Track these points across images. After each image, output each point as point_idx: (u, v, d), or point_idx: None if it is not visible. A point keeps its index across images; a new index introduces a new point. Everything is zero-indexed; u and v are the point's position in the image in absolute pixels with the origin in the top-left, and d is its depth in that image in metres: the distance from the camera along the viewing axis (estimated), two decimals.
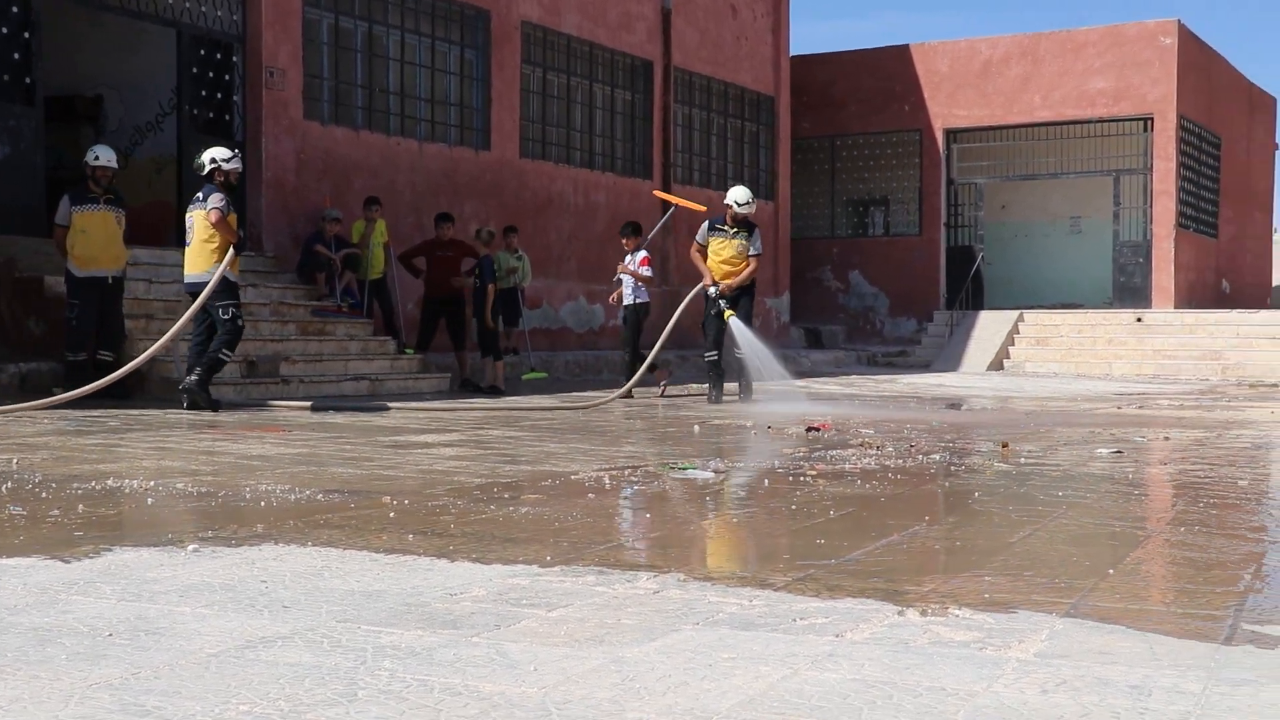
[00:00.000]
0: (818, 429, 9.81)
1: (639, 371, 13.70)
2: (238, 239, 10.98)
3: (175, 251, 13.89)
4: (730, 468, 7.43)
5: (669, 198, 17.37)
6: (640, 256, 14.07)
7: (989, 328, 23.65)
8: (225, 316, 10.84)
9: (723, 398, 13.42)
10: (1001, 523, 5.35)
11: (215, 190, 10.91)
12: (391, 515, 5.30)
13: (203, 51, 14.85)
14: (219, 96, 15.00)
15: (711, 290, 13.36)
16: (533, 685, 2.86)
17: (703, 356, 14.12)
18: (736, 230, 13.48)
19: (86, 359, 11.35)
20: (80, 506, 5.40)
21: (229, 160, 11.08)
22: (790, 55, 24.86)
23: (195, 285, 10.88)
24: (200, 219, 10.90)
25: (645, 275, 14.10)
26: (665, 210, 16.40)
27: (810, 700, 2.77)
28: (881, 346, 25.36)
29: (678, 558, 4.49)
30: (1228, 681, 2.95)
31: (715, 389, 13.55)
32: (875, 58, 27.02)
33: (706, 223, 13.80)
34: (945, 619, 3.53)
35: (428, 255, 15.13)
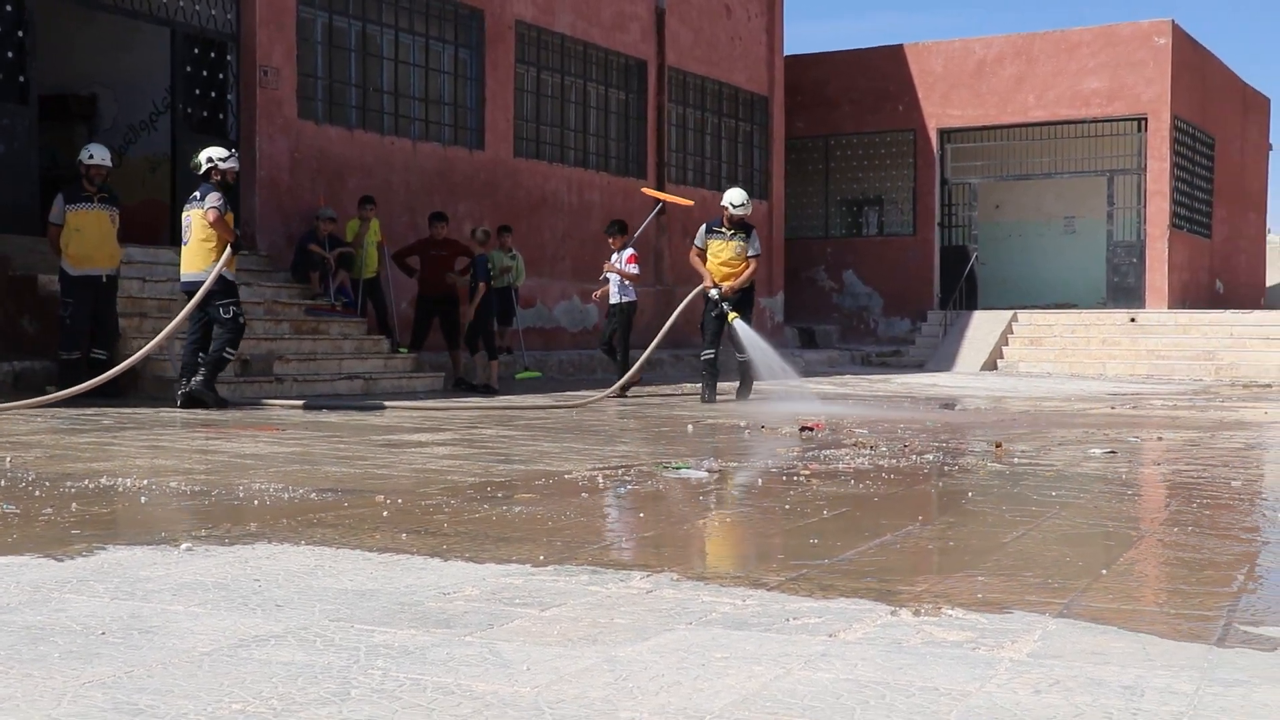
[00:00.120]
0: (811, 429, 9.81)
1: (632, 370, 13.74)
2: (235, 238, 11.01)
3: (169, 250, 13.90)
4: (724, 467, 7.43)
5: (658, 194, 17.37)
6: (627, 254, 14.08)
7: (983, 328, 23.67)
8: (226, 315, 10.89)
9: (716, 397, 13.46)
10: (995, 523, 5.36)
11: (212, 189, 10.94)
12: (385, 514, 5.30)
13: (197, 50, 14.83)
14: (213, 95, 14.99)
15: (713, 293, 13.43)
16: (526, 684, 2.86)
17: (699, 356, 14.14)
18: (734, 232, 13.55)
19: (80, 357, 11.33)
20: (73, 505, 5.39)
21: (226, 159, 11.10)
22: (784, 55, 24.86)
23: (191, 284, 10.92)
24: (198, 218, 10.92)
25: (633, 273, 14.11)
26: (654, 207, 16.42)
27: (803, 700, 2.77)
28: (875, 346, 25.38)
29: (671, 557, 4.49)
30: (1220, 682, 2.95)
31: (709, 388, 13.60)
32: (869, 57, 27.03)
33: (704, 226, 13.88)
34: (938, 619, 3.54)
35: (421, 254, 15.14)
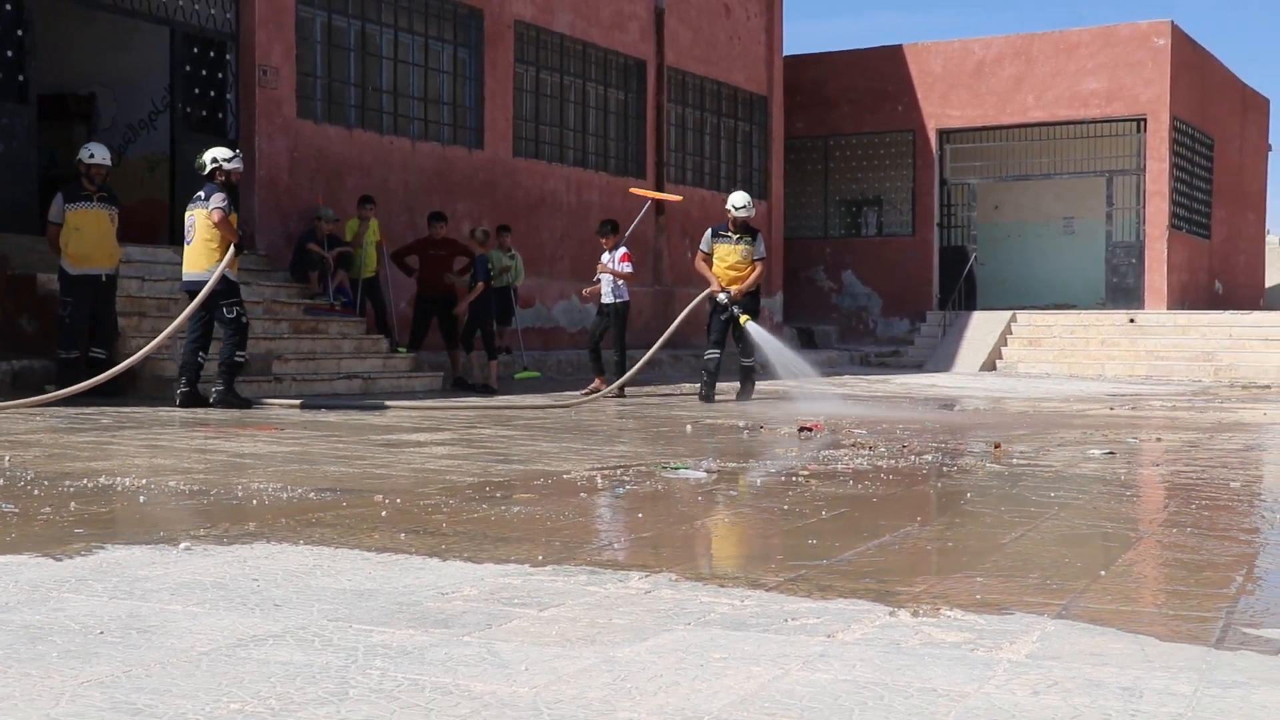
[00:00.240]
0: (810, 429, 9.81)
1: (632, 370, 13.77)
2: (238, 239, 11.04)
3: (168, 249, 13.91)
4: (723, 468, 7.43)
5: (645, 193, 17.35)
6: (620, 253, 14.09)
7: (982, 328, 23.67)
8: (230, 316, 10.93)
9: (715, 397, 13.50)
10: (993, 524, 5.36)
11: (217, 190, 10.97)
12: (383, 514, 5.30)
13: (196, 50, 14.83)
14: (212, 95, 14.99)
15: (722, 297, 13.57)
16: (524, 685, 2.86)
17: (702, 355, 14.21)
18: (740, 236, 13.71)
19: (79, 356, 11.33)
20: (72, 504, 5.39)
21: (230, 160, 11.13)
22: (783, 55, 24.87)
23: (194, 283, 10.95)
24: (201, 218, 10.95)
25: (627, 272, 14.13)
26: (643, 206, 16.45)
27: (801, 701, 2.77)
28: (874, 346, 25.38)
29: (670, 557, 4.49)
30: (1219, 684, 2.95)
31: (709, 387, 13.68)
32: (868, 58, 27.03)
33: (710, 230, 14.03)
34: (937, 620, 3.54)
35: (420, 254, 15.14)
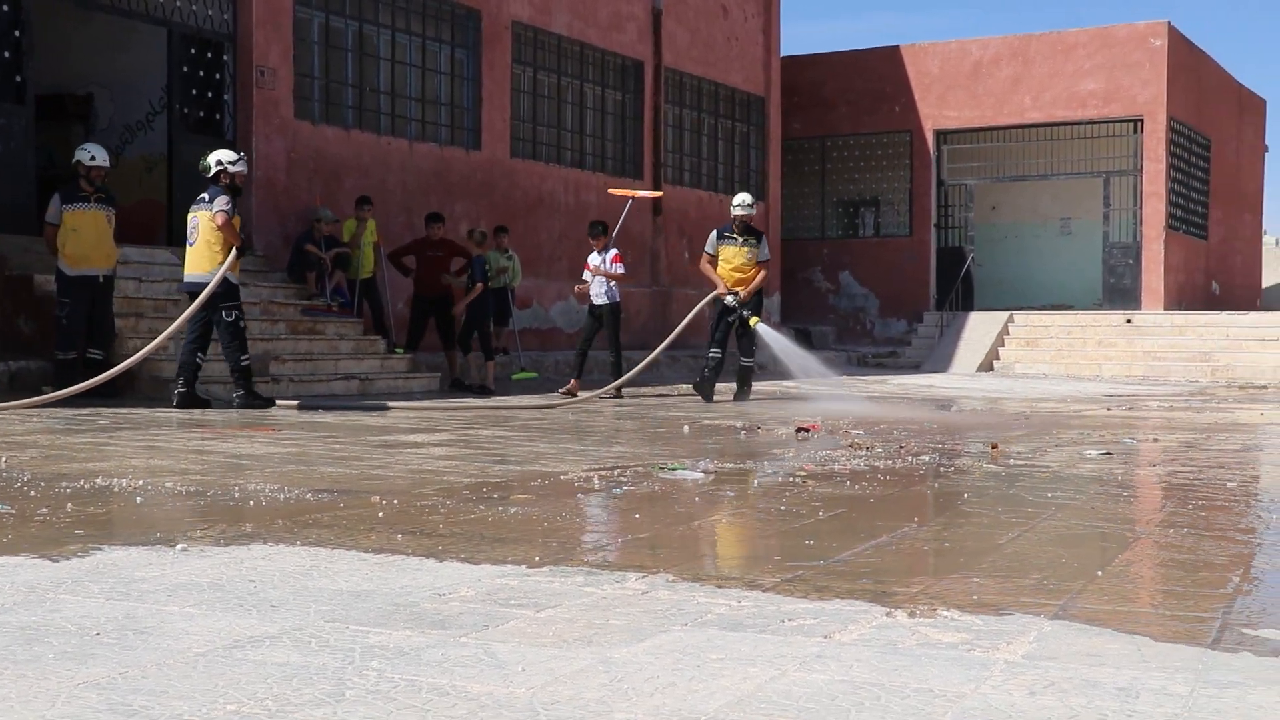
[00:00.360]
0: (807, 430, 9.82)
1: (636, 369, 13.88)
2: (241, 242, 11.06)
3: (165, 250, 13.91)
4: (720, 468, 7.43)
5: (623, 192, 17.34)
6: (612, 254, 14.11)
7: (979, 329, 23.68)
8: (228, 319, 10.99)
9: (714, 397, 13.56)
10: (990, 524, 5.36)
11: (221, 193, 10.99)
12: (380, 515, 5.30)
13: (193, 50, 14.82)
14: (209, 95, 14.98)
15: (729, 299, 13.67)
16: (521, 686, 2.86)
17: (705, 354, 14.31)
18: (745, 238, 13.82)
19: (76, 357, 11.33)
20: (69, 505, 5.39)
21: (235, 163, 11.14)
22: (781, 56, 24.88)
23: (195, 285, 10.97)
24: (205, 220, 10.97)
25: (621, 273, 14.18)
26: (625, 206, 16.49)
27: (798, 701, 2.77)
28: (872, 347, 25.38)
29: (666, 558, 4.49)
30: (1215, 684, 2.95)
31: (709, 386, 13.84)
32: (865, 59, 27.05)
33: (715, 232, 14.15)
34: (933, 620, 3.54)
35: (418, 255, 15.14)
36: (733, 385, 13.95)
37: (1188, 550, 4.76)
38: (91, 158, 11.47)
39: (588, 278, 14.18)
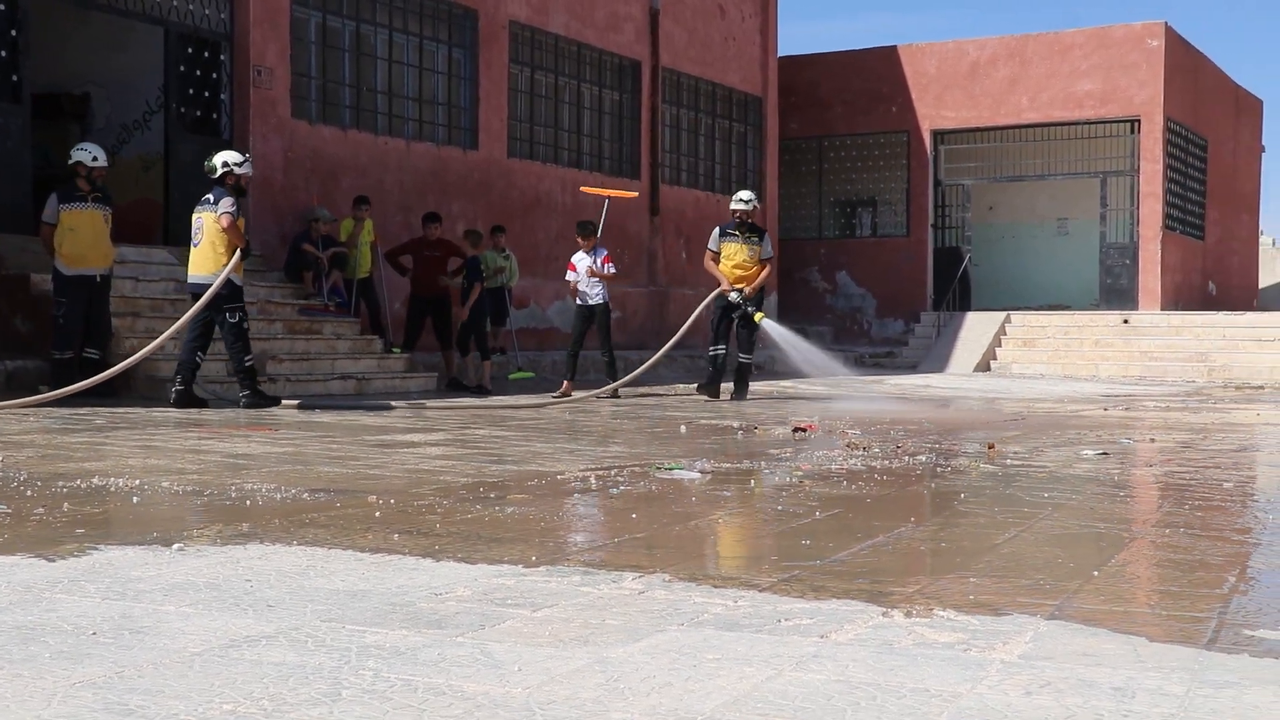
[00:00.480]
0: (804, 429, 9.82)
1: (640, 370, 14.00)
2: (246, 244, 11.08)
3: (162, 250, 13.90)
4: (717, 468, 7.43)
5: (598, 190, 17.33)
6: (603, 255, 14.12)
7: (976, 329, 23.68)
8: (232, 320, 11.04)
9: (720, 394, 13.77)
10: (987, 524, 5.36)
11: (226, 194, 11.00)
12: (377, 515, 5.30)
13: (190, 50, 14.80)
14: (206, 95, 14.96)
15: (734, 296, 13.75)
16: (517, 685, 2.86)
17: (708, 352, 14.42)
18: (747, 235, 13.92)
19: (73, 357, 11.33)
20: (65, 505, 5.39)
21: (242, 164, 11.15)
22: (778, 56, 24.88)
23: (200, 286, 11.00)
24: (210, 221, 10.99)
25: (613, 274, 14.22)
26: (602, 204, 16.50)
27: (794, 701, 2.78)
28: (869, 347, 25.37)
29: (663, 558, 4.49)
30: (1211, 684, 2.95)
31: (712, 384, 13.96)
32: (863, 59, 27.04)
33: (717, 229, 14.26)
34: (930, 620, 3.54)
35: (415, 254, 15.13)
36: (732, 384, 14.02)
37: (1184, 550, 4.76)
38: (94, 158, 11.48)
39: (571, 277, 14.15)
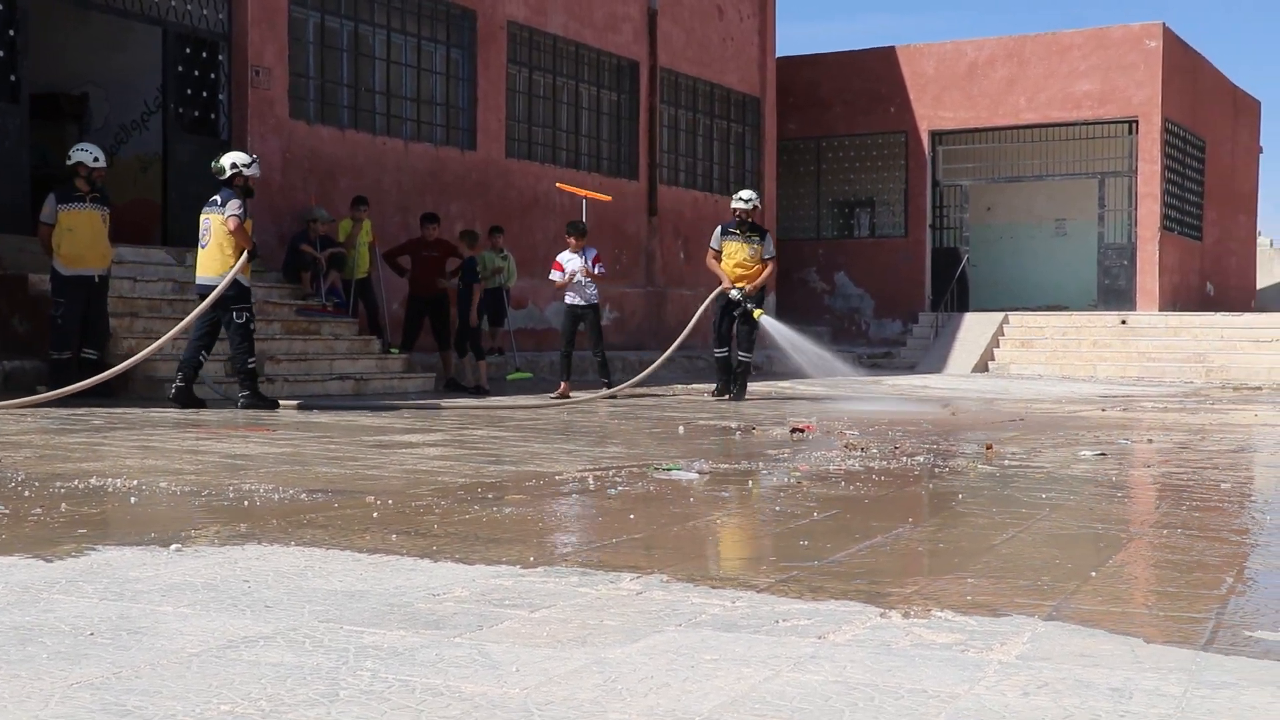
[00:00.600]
0: (802, 430, 9.82)
1: (646, 372, 14.08)
2: (253, 245, 11.11)
3: (160, 250, 13.90)
4: (715, 469, 7.43)
5: (575, 190, 17.34)
6: (593, 254, 14.14)
7: (974, 329, 23.69)
8: (239, 321, 11.10)
9: (726, 394, 13.92)
10: (985, 525, 5.36)
11: (233, 196, 11.04)
12: (375, 515, 5.30)
13: (188, 50, 14.81)
14: (204, 95, 14.97)
15: (735, 294, 13.82)
16: (515, 686, 2.86)
17: (712, 352, 14.56)
18: (749, 234, 14.00)
19: (71, 357, 11.33)
20: (63, 505, 5.38)
21: (249, 166, 11.18)
22: (776, 56, 24.89)
23: (207, 287, 11.04)
24: (217, 222, 11.01)
25: (603, 274, 14.26)
26: (581, 203, 16.53)
27: (792, 702, 2.78)
28: (867, 348, 25.36)
29: (661, 559, 4.49)
30: (1209, 684, 2.96)
31: (720, 383, 14.15)
32: (861, 59, 27.05)
33: (719, 227, 14.36)
34: (928, 621, 3.54)
35: (413, 255, 15.14)
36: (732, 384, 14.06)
37: (1182, 551, 4.76)
38: (95, 159, 11.49)
39: (557, 277, 14.10)
